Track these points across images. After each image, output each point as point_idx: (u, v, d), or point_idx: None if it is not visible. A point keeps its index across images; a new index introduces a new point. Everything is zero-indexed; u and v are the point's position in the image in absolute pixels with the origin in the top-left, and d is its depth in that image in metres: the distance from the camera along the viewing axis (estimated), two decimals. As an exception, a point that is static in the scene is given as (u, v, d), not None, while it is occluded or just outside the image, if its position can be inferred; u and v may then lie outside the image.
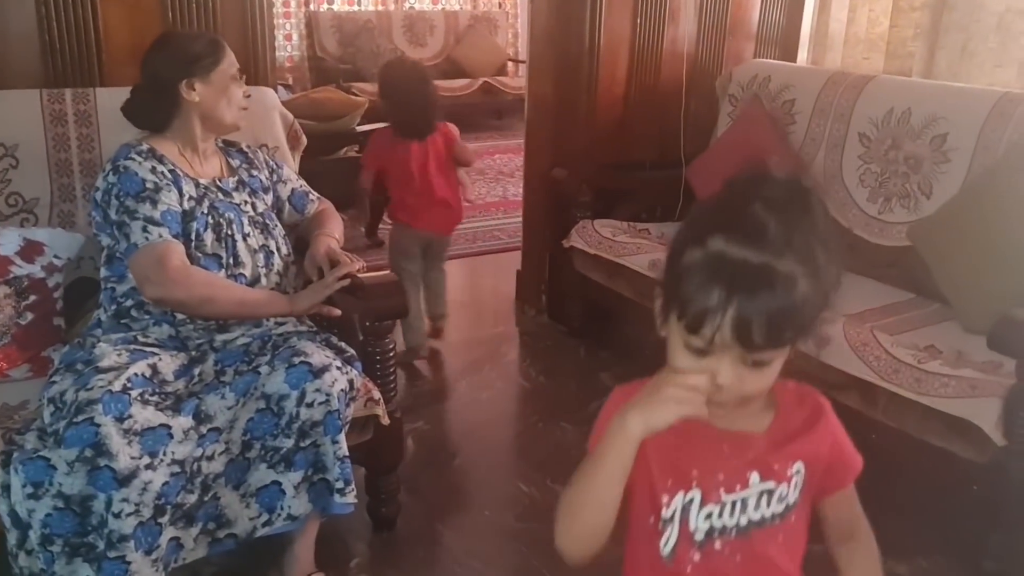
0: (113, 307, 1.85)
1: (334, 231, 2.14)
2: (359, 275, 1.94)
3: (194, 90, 1.92)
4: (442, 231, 3.13)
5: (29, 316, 1.93)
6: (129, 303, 1.83)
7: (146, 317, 1.82)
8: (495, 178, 5.73)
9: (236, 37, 2.42)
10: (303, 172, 3.98)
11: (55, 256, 1.99)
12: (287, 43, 7.11)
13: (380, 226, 4.38)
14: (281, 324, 1.90)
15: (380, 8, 7.49)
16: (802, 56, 3.36)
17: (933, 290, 2.43)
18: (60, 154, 2.08)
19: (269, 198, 2.11)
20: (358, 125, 4.17)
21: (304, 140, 2.41)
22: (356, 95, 6.56)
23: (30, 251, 1.96)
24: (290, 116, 2.35)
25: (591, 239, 2.97)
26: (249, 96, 1.98)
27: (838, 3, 3.17)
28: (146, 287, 1.78)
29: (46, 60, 2.22)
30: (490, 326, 3.39)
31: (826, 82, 2.90)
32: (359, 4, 7.40)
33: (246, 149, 2.13)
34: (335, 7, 7.30)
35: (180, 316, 1.82)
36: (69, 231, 2.06)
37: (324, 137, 4.00)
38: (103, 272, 1.89)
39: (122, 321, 1.82)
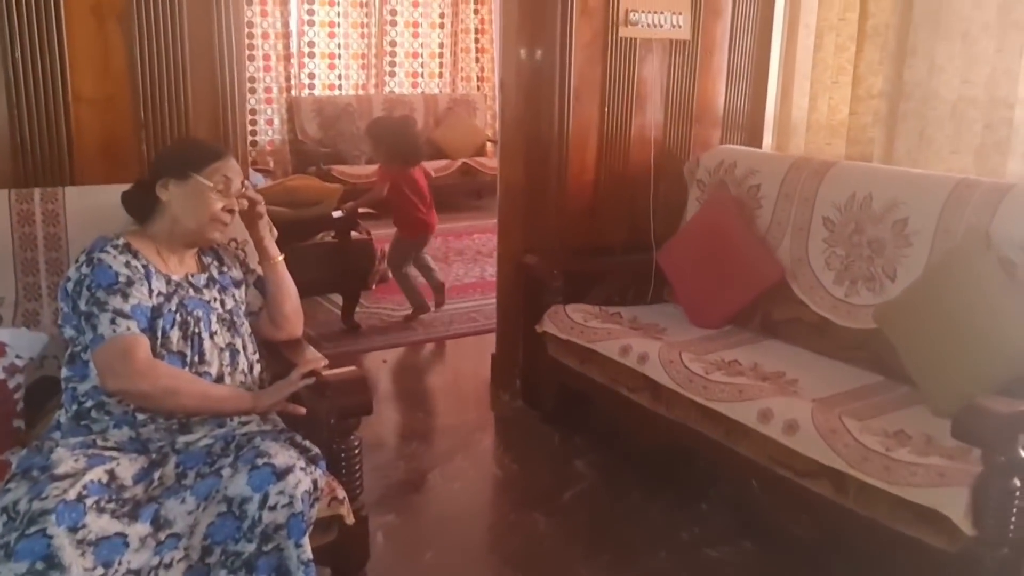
0: (74, 407, 1.83)
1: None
2: (323, 372, 1.93)
3: (167, 189, 1.95)
4: (432, 232, 4.73)
5: (-13, 419, 1.90)
6: (89, 404, 1.81)
7: (106, 418, 1.80)
8: (473, 259, 5.77)
9: (208, 130, 2.47)
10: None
11: (17, 356, 1.97)
12: (268, 127, 7.22)
13: (357, 309, 4.39)
14: (245, 423, 1.88)
15: (360, 92, 7.64)
16: (767, 141, 3.44)
17: (901, 373, 2.44)
18: (26, 253, 2.09)
19: (240, 292, 2.11)
20: (334, 210, 4.20)
21: (274, 232, 2.42)
22: (336, 178, 6.71)
23: (-8, 352, 1.94)
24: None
25: (563, 324, 2.98)
26: (232, 214, 1.97)
27: (799, 91, 3.26)
28: (109, 379, 1.76)
29: (16, 159, 2.25)
30: (464, 412, 3.36)
31: (790, 167, 2.96)
32: (340, 89, 7.55)
33: (215, 246, 2.14)
34: (316, 92, 7.44)
35: (141, 417, 1.80)
36: (33, 330, 2.05)
37: (300, 223, 4.03)
38: (64, 372, 1.88)
39: (82, 423, 1.80)
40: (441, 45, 7.86)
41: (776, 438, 2.21)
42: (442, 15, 7.77)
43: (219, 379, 1.92)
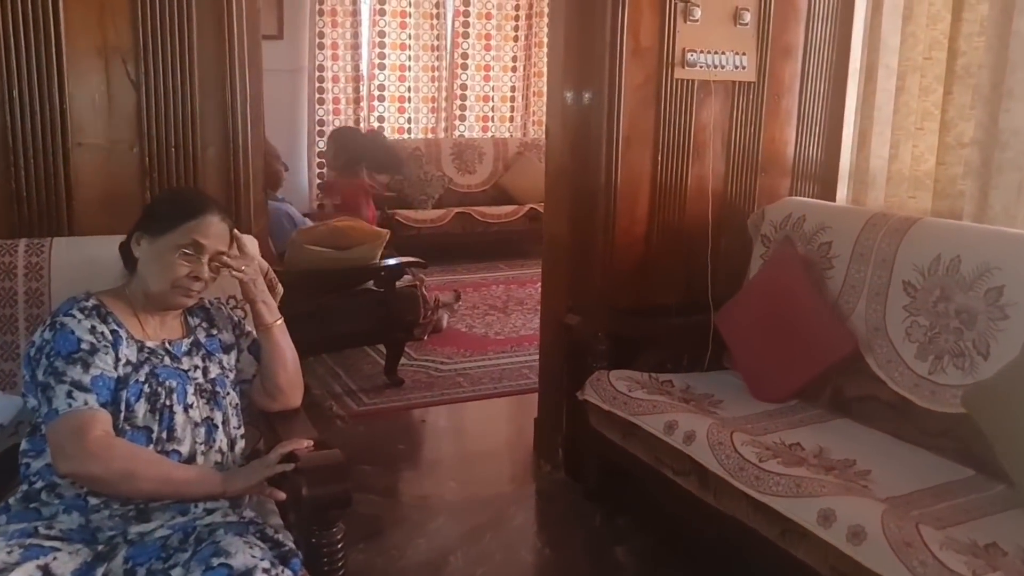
0: (23, 487, 1.64)
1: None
2: (305, 454, 1.70)
3: (139, 246, 1.78)
4: None
5: (-56, 492, 1.74)
6: (40, 484, 1.62)
7: (56, 502, 1.61)
8: (534, 309, 5.49)
9: (217, 180, 2.31)
10: (315, 308, 3.87)
11: (-16, 423, 1.81)
12: (336, 171, 7.16)
13: (402, 362, 4.19)
14: (211, 511, 1.66)
15: (430, 136, 7.54)
16: (841, 194, 3.11)
17: (995, 467, 2.08)
18: (5, 309, 1.94)
19: (231, 357, 1.92)
20: (381, 259, 4.01)
21: (280, 289, 2.22)
22: (399, 222, 6.59)
23: (-44, 418, 1.79)
24: (265, 264, 2.17)
25: (605, 393, 2.69)
26: (200, 281, 1.77)
27: (879, 138, 2.92)
28: (59, 461, 1.58)
29: (10, 207, 2.12)
30: (501, 483, 3.09)
31: (866, 223, 2.63)
32: (409, 132, 7.47)
33: (208, 305, 1.95)
34: (385, 135, 7.37)
35: (94, 502, 1.60)
36: (7, 393, 1.89)
37: (343, 271, 3.87)
38: (23, 444, 1.70)
39: (31, 505, 1.61)
40: (513, 88, 7.72)
41: (839, 546, 1.87)
42: (515, 58, 7.65)
43: (190, 458, 1.71)
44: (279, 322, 1.95)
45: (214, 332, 1.92)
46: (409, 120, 7.46)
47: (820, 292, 2.67)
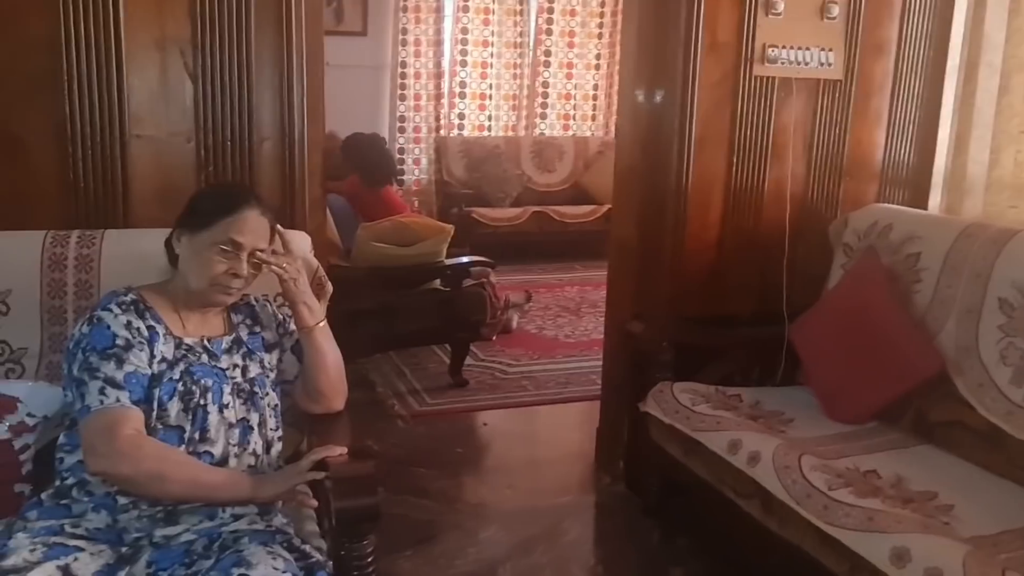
0: (56, 482, 1.63)
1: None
2: (337, 462, 1.64)
3: (180, 242, 1.75)
4: None
5: (-18, 482, 1.74)
6: (71, 480, 1.60)
7: (85, 499, 1.58)
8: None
9: (273, 175, 2.27)
10: (381, 306, 3.84)
11: (28, 414, 1.80)
12: (415, 167, 7.17)
13: (469, 363, 4.12)
14: (238, 518, 1.61)
15: (510, 134, 7.47)
16: (934, 201, 2.89)
17: (1097, 510, 1.87)
18: (54, 301, 1.94)
19: (273, 357, 1.87)
20: (449, 257, 3.95)
21: (330, 288, 2.16)
22: (476, 220, 6.55)
23: (1, 408, 1.78)
24: (315, 262, 2.12)
25: (667, 406, 2.56)
26: (239, 279, 1.72)
27: (978, 142, 2.70)
28: (90, 459, 1.55)
29: (67, 199, 2.13)
30: (559, 492, 2.98)
31: (960, 234, 2.43)
32: (489, 130, 7.42)
33: (253, 302, 1.91)
34: (465, 133, 7.34)
35: (123, 501, 1.57)
36: (54, 385, 1.89)
37: (408, 269, 3.82)
38: (60, 438, 1.69)
39: (62, 502, 1.59)
40: (595, 87, 7.58)
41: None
42: (598, 56, 7.50)
43: (223, 460, 1.67)
44: (321, 324, 1.88)
45: (257, 330, 1.87)
46: (490, 118, 7.40)
47: (905, 307, 2.48)
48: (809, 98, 2.79)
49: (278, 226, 1.84)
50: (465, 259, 4.07)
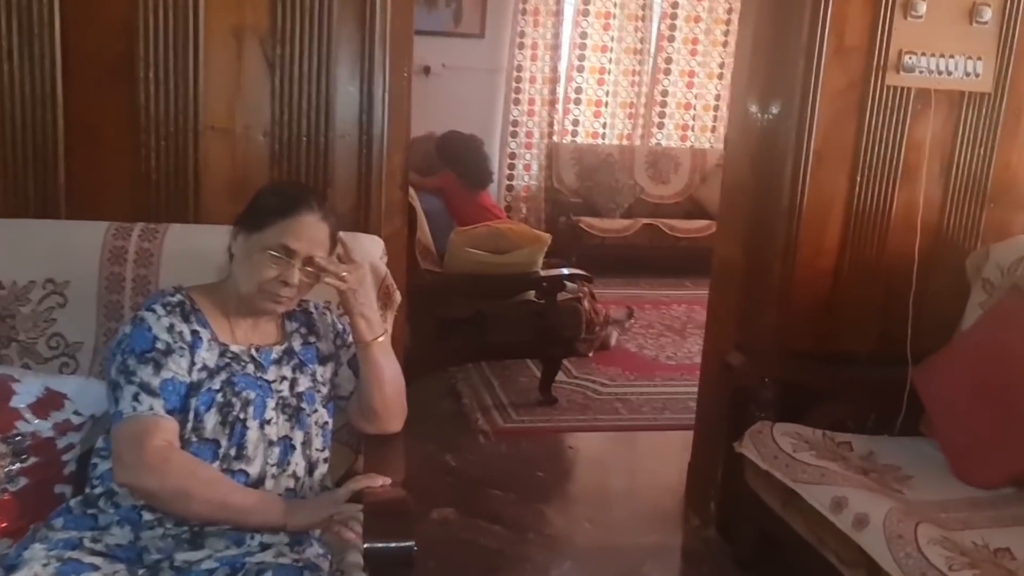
0: (87, 489, 1.54)
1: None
2: (378, 494, 1.48)
3: (236, 241, 1.64)
4: None
5: (22, 481, 1.66)
6: (100, 489, 1.51)
7: (111, 511, 1.48)
8: (714, 334, 5.06)
9: (347, 174, 2.15)
10: (472, 314, 3.69)
11: (75, 412, 1.73)
12: (525, 173, 7.02)
13: (561, 379, 3.93)
14: (266, 547, 1.47)
15: (624, 143, 7.23)
16: (1096, 236, 2.51)
17: None
18: (112, 295, 1.86)
19: (327, 370, 1.74)
20: (548, 267, 3.77)
21: (398, 297, 2.03)
22: (583, 230, 6.34)
23: (47, 404, 1.71)
24: (383, 269, 1.99)
25: (766, 450, 2.29)
26: (290, 287, 1.59)
27: None
28: (117, 468, 1.46)
29: (138, 190, 2.06)
30: (643, 531, 2.74)
31: None
32: (603, 138, 7.20)
33: (312, 309, 1.78)
34: (578, 139, 7.15)
35: (148, 517, 1.46)
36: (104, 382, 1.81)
37: (502, 278, 3.67)
38: (99, 442, 1.60)
39: (89, 511, 1.50)
40: (717, 97, 7.24)
41: None
42: (721, 65, 7.16)
43: (259, 481, 1.54)
44: (381, 339, 1.73)
45: (312, 340, 1.74)
46: (604, 125, 7.18)
47: (1053, 358, 2.14)
48: (950, 112, 2.47)
49: (340, 233, 1.70)
50: (562, 271, 3.89)
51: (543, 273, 3.70)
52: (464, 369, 4.04)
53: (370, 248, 1.99)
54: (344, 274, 1.65)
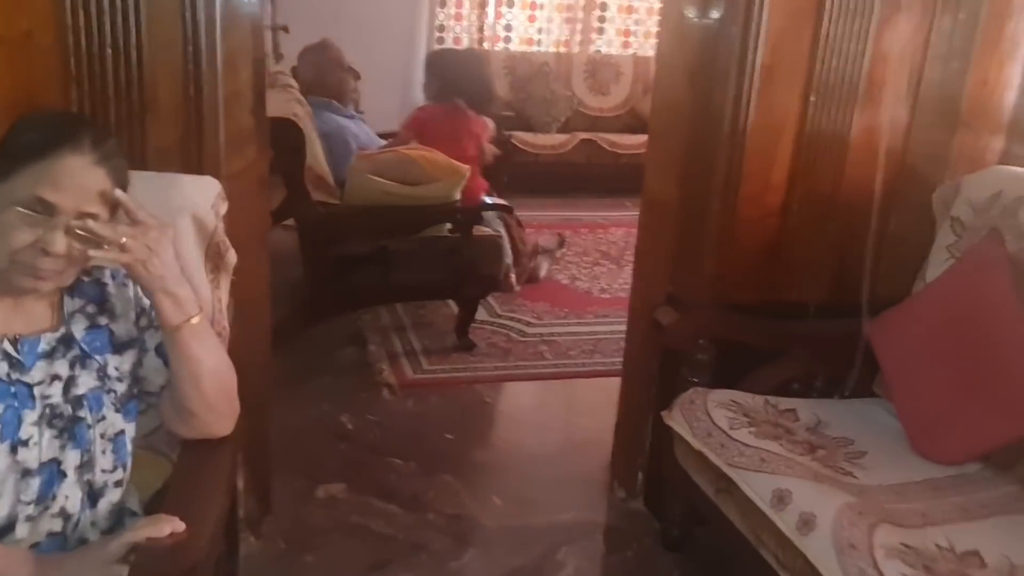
0: None
1: None
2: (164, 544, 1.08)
3: None
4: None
5: None
6: None
7: None
8: (652, 262, 4.69)
9: (171, 103, 1.68)
10: (374, 252, 3.25)
11: None
12: (453, 84, 6.47)
13: (478, 320, 3.54)
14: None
15: (562, 50, 6.70)
16: (1085, 167, 2.16)
17: None
18: None
19: (126, 360, 1.32)
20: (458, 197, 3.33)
21: (232, 258, 1.60)
22: (516, 147, 5.87)
23: None
24: (211, 223, 1.55)
25: (698, 424, 1.94)
26: (52, 258, 1.16)
27: None
28: None
29: None
30: (560, 507, 2.39)
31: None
32: (538, 44, 6.66)
33: (108, 280, 1.34)
34: (511, 47, 6.60)
35: None
36: None
37: (411, 210, 3.22)
38: None
39: None
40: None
41: None
42: (667, -36, 6.63)
43: (6, 527, 1.13)
44: (194, 321, 1.30)
45: (103, 321, 1.31)
46: (540, 31, 6.64)
47: (1032, 314, 1.80)
48: (923, 17, 2.06)
49: (117, 191, 1.24)
50: (482, 200, 3.46)
51: (457, 203, 3.26)
52: (373, 310, 3.63)
53: (194, 195, 1.55)
54: (124, 241, 1.20)
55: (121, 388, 1.31)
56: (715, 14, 2.03)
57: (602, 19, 6.73)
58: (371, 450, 2.60)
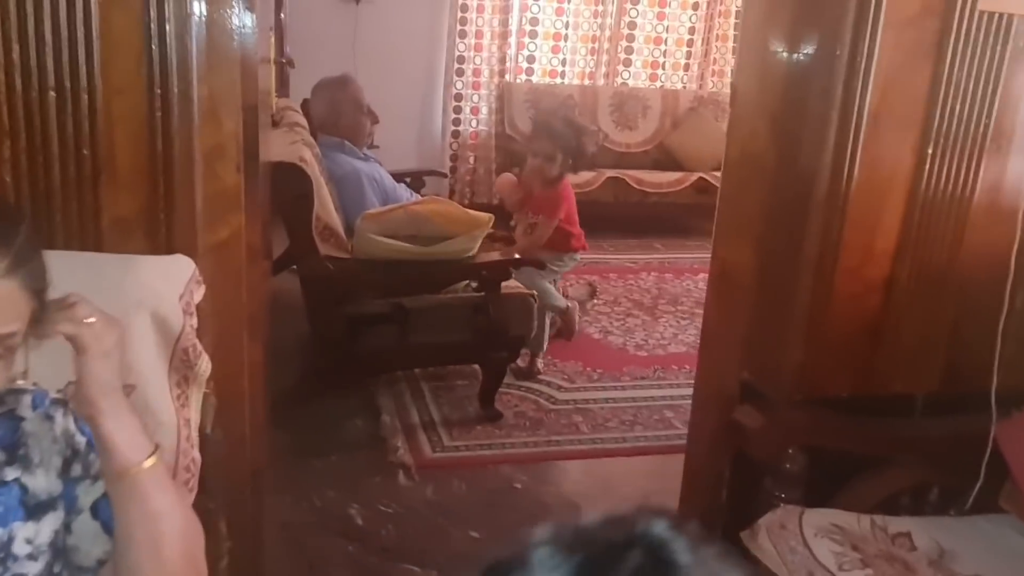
0: None
1: None
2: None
3: None
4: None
5: None
6: None
7: None
8: (689, 312, 4.29)
9: (131, 161, 1.31)
10: (398, 311, 2.86)
11: None
12: (473, 117, 6.15)
13: (506, 383, 3.16)
14: None
15: (587, 83, 6.36)
16: None
17: None
18: None
19: (45, 526, 0.95)
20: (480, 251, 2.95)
21: (205, 368, 1.22)
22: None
23: None
24: (177, 324, 1.18)
25: (794, 558, 1.55)
26: None
27: None
28: None
29: None
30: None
31: None
32: (562, 77, 6.32)
33: (25, 411, 0.98)
34: (534, 79, 6.27)
35: None
36: None
37: (428, 265, 2.85)
38: None
39: None
40: (692, 31, 6.38)
41: None
42: (698, -8, 6.31)
43: None
44: (149, 463, 0.93)
45: (10, 475, 0.94)
46: (564, 62, 6.29)
47: None
48: (1064, 52, 1.68)
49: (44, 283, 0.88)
50: (511, 257, 3.08)
51: (480, 259, 2.88)
52: (382, 379, 3.24)
53: (155, 284, 1.18)
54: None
55: (34, 571, 0.93)
56: (808, 49, 1.66)
57: (629, 50, 6.38)
58: (384, 553, 2.22)
